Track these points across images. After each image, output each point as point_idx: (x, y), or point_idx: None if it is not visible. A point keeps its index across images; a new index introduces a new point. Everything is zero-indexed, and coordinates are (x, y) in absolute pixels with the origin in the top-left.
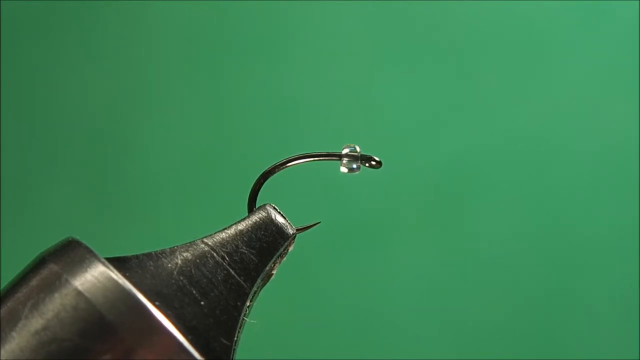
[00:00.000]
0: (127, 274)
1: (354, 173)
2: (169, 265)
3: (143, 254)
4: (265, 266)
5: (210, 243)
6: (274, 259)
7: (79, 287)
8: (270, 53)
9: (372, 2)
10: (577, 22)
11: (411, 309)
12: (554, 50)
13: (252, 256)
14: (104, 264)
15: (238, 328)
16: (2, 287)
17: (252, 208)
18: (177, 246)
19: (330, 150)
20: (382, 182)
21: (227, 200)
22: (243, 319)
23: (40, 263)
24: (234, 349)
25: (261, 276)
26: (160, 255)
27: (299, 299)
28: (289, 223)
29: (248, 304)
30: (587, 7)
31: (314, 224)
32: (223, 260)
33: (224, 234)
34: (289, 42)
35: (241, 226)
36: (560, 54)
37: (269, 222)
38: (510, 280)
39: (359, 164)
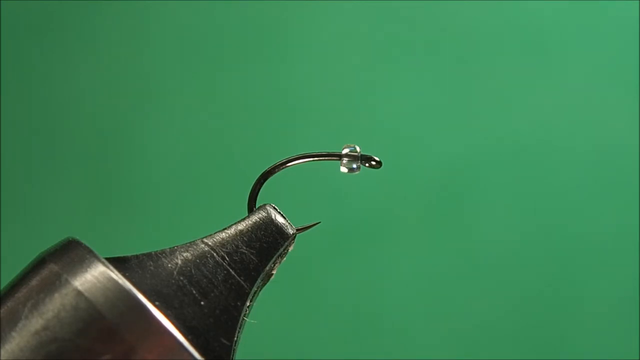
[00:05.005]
0: (127, 274)
1: (354, 173)
2: (169, 265)
3: (143, 254)
4: (265, 266)
5: (210, 243)
6: (274, 259)
7: (79, 287)
8: (270, 53)
9: (373, 2)
10: (577, 22)
11: (411, 308)
12: (554, 51)
13: (252, 256)
14: (104, 264)
15: (238, 328)
16: (2, 287)
17: (252, 208)
18: (177, 246)
19: (330, 150)
20: (382, 182)
21: (227, 200)
22: (243, 319)
23: (40, 263)
24: (234, 349)
25: (261, 276)
26: (160, 255)
27: (299, 299)
28: (289, 223)
29: (248, 304)
30: (587, 7)
31: (314, 224)
32: (223, 260)
33: (224, 234)
34: (289, 42)
35: (241, 226)
36: (560, 55)
37: (269, 222)
38: (509, 281)
39: (359, 164)
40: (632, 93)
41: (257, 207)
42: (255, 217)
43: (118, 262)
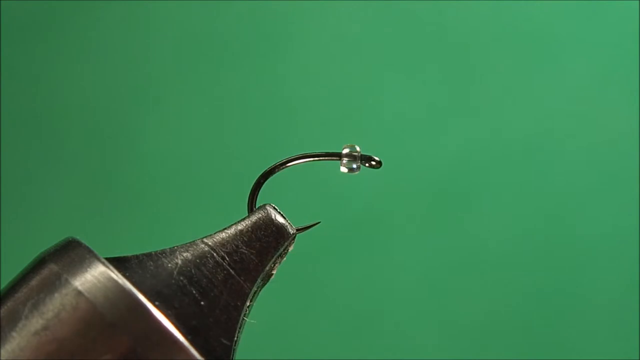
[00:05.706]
0: (127, 274)
1: (354, 173)
2: (169, 265)
3: (143, 254)
4: (265, 266)
5: (210, 243)
6: (274, 259)
7: (79, 287)
8: (270, 53)
9: (372, 2)
10: (577, 22)
11: (411, 308)
12: (554, 50)
13: (252, 256)
14: (104, 264)
15: (238, 328)
16: (2, 287)
17: (252, 208)
18: (177, 246)
19: (330, 150)
20: (382, 182)
21: (227, 200)
22: (243, 319)
23: (40, 263)
24: (234, 349)
25: (261, 276)
26: (160, 255)
27: (298, 299)
28: (288, 223)
29: (248, 304)
30: (587, 7)
31: (314, 224)
32: (223, 260)
33: (224, 234)
34: (289, 43)
35: (241, 226)
36: (560, 55)
37: (269, 222)
38: (510, 280)
39: (358, 164)
40: (632, 93)
41: (257, 207)
42: (255, 217)
43: (118, 262)
